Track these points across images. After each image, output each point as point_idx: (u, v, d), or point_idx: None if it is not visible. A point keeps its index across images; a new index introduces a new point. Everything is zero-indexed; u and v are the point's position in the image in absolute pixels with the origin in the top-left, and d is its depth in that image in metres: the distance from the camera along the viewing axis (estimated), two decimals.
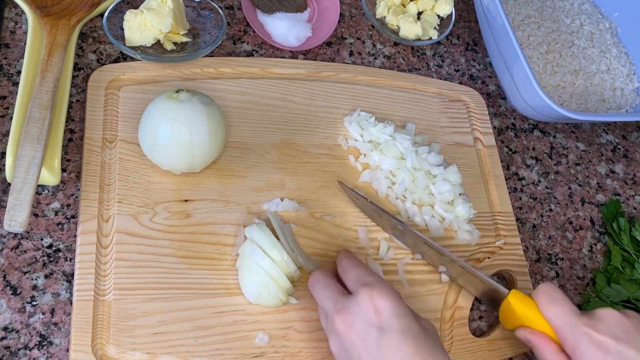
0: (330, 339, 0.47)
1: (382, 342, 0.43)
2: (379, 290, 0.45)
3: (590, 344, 0.47)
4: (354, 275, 0.49)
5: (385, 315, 0.44)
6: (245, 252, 0.51)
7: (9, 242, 0.51)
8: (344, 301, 0.46)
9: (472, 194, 0.65)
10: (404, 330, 0.44)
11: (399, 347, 0.43)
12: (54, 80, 0.53)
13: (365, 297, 0.45)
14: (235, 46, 0.68)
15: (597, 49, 0.82)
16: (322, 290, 0.49)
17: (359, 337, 0.44)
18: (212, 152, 0.54)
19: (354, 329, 0.45)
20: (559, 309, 0.50)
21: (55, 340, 0.48)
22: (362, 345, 0.44)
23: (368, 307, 0.45)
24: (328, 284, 0.49)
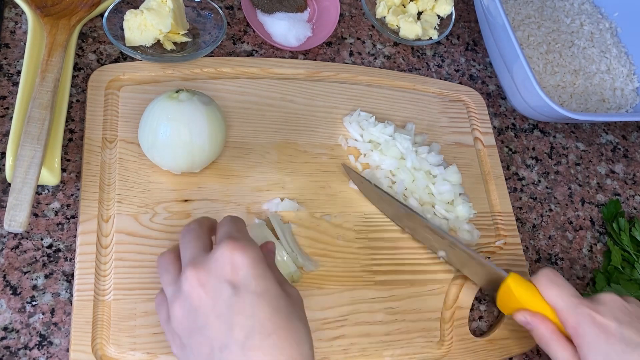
0: (173, 303, 0.40)
1: (235, 303, 0.38)
2: (242, 246, 0.40)
3: (593, 325, 0.47)
4: (225, 228, 0.43)
5: (242, 273, 0.39)
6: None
7: (9, 242, 0.51)
8: (203, 256, 0.41)
9: (472, 194, 0.65)
10: (261, 292, 0.39)
11: (252, 309, 0.38)
12: (54, 80, 0.53)
13: (225, 251, 0.39)
14: (235, 46, 0.68)
15: (597, 49, 0.82)
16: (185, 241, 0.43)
17: (209, 295, 0.39)
18: (212, 152, 0.54)
19: (205, 286, 0.39)
20: (561, 291, 0.50)
21: (55, 340, 0.48)
22: (212, 303, 0.39)
23: (225, 262, 0.39)
24: (199, 237, 0.43)
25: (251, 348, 0.37)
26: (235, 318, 0.38)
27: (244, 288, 0.39)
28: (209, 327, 0.39)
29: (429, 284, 0.58)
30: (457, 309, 0.58)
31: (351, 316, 0.54)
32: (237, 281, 0.39)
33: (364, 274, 0.56)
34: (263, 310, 0.38)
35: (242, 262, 0.39)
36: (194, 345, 0.39)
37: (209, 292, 0.39)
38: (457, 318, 0.57)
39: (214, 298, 0.39)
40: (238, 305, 0.38)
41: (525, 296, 0.52)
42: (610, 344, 0.47)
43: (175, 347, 0.42)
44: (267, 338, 0.38)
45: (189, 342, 0.40)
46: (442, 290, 0.58)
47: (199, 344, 0.39)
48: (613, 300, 0.49)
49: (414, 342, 0.55)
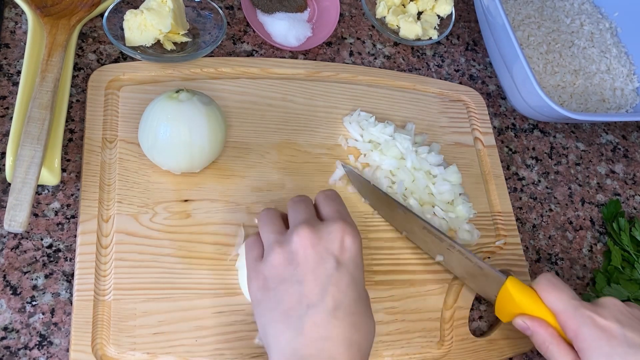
0: (274, 249, 0.45)
1: (335, 275, 0.43)
2: (353, 231, 0.45)
3: (594, 328, 0.47)
4: (335, 206, 0.48)
5: (348, 254, 0.45)
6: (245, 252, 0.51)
7: (9, 242, 0.51)
8: (317, 222, 0.46)
9: (472, 194, 0.65)
10: (356, 277, 0.45)
11: (346, 288, 0.43)
12: (54, 80, 0.53)
13: (339, 229, 0.45)
14: (235, 46, 0.68)
15: (597, 49, 0.82)
16: (297, 207, 0.48)
17: (315, 258, 0.44)
18: (212, 152, 0.54)
19: (315, 248, 0.44)
20: (561, 294, 0.49)
21: (55, 340, 0.48)
22: (314, 266, 0.43)
23: (336, 238, 0.45)
24: (309, 206, 0.48)
25: (336, 317, 0.42)
26: (330, 288, 0.43)
27: (345, 268, 0.44)
28: (305, 284, 0.43)
29: (429, 284, 0.58)
30: (457, 309, 0.58)
31: None
32: (341, 259, 0.44)
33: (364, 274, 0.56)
34: (353, 292, 0.44)
35: (350, 246, 0.45)
36: (282, 292, 0.44)
37: (316, 256, 0.44)
38: (457, 318, 0.57)
39: (318, 262, 0.44)
40: (335, 278, 0.43)
41: (524, 300, 0.51)
42: (612, 347, 0.46)
43: (255, 285, 0.46)
44: (350, 316, 0.43)
45: (277, 287, 0.44)
46: (442, 290, 0.58)
47: (288, 293, 0.44)
48: (614, 303, 0.49)
49: (414, 342, 0.55)
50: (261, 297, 0.45)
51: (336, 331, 0.42)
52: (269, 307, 0.44)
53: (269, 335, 0.44)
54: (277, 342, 0.43)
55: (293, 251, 0.45)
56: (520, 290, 0.52)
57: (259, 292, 0.46)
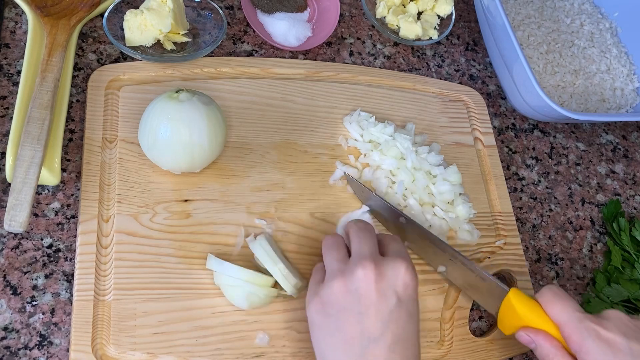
0: (337, 277, 0.46)
1: (395, 312, 0.45)
2: (412, 270, 0.47)
3: (599, 340, 0.46)
4: (398, 247, 0.50)
5: (408, 292, 0.46)
6: (218, 270, 0.51)
7: (9, 242, 0.51)
8: (379, 256, 0.48)
9: (472, 194, 0.65)
10: (413, 313, 0.47)
11: (404, 324, 0.45)
12: (54, 80, 0.53)
13: (402, 267, 0.47)
14: (235, 46, 0.68)
15: (597, 49, 0.82)
16: (362, 235, 0.49)
17: (378, 294, 0.45)
18: (212, 152, 0.53)
19: (378, 284, 0.45)
20: (565, 305, 0.49)
21: (55, 340, 0.48)
22: (377, 301, 0.45)
23: (399, 276, 0.46)
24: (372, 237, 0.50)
25: (394, 351, 0.44)
26: (390, 324, 0.45)
27: (405, 305, 0.46)
28: (367, 318, 0.45)
29: (429, 284, 0.58)
30: (457, 309, 0.58)
31: None
32: (402, 297, 0.46)
33: None
34: (410, 328, 0.46)
35: (410, 284, 0.47)
36: (342, 320, 0.45)
37: (378, 292, 0.45)
38: (457, 318, 0.57)
39: (380, 298, 0.45)
40: (396, 315, 0.45)
41: (527, 312, 0.50)
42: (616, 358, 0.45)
43: (314, 308, 0.47)
44: (406, 350, 0.45)
45: (337, 315, 0.46)
46: (442, 290, 0.58)
47: (349, 323, 0.45)
48: (618, 316, 0.48)
49: None
50: (320, 321, 0.47)
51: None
52: (328, 333, 0.46)
53: (322, 348, 0.46)
54: (330, 355, 0.45)
55: (356, 283, 0.46)
56: (523, 302, 0.51)
57: (318, 315, 0.47)
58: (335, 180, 0.61)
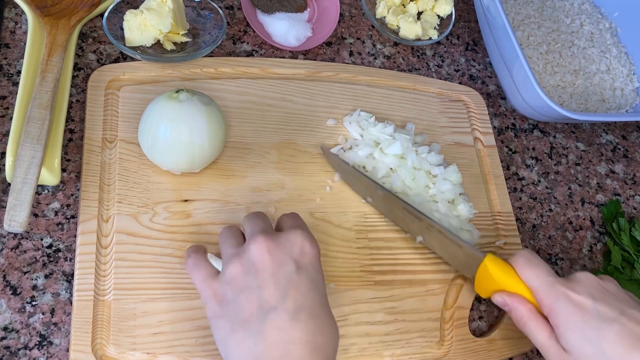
0: (232, 261, 0.44)
1: (294, 279, 0.43)
2: (312, 239, 0.46)
3: (568, 302, 0.48)
4: (295, 221, 0.48)
5: (307, 259, 0.45)
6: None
7: (9, 242, 0.51)
8: (273, 232, 0.46)
9: (472, 194, 0.65)
10: (317, 281, 0.45)
11: (307, 291, 0.43)
12: (54, 80, 0.53)
13: (298, 236, 0.45)
14: (235, 46, 0.68)
15: (597, 49, 0.82)
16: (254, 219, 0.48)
17: (273, 263, 0.43)
18: (212, 152, 0.54)
19: (273, 253, 0.43)
20: (537, 270, 0.51)
21: (55, 340, 0.48)
22: (274, 270, 0.43)
23: (296, 244, 0.45)
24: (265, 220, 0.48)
25: (298, 320, 0.42)
26: (290, 291, 0.42)
27: (305, 271, 0.44)
28: (265, 289, 0.43)
29: (429, 284, 0.58)
30: (457, 309, 0.58)
31: (351, 316, 0.54)
32: (301, 263, 0.44)
33: (363, 274, 0.56)
34: (315, 295, 0.43)
35: (310, 251, 0.45)
36: (241, 301, 0.43)
37: (273, 261, 0.43)
38: (457, 318, 0.57)
39: (276, 266, 0.43)
40: (296, 281, 0.43)
41: (502, 277, 0.52)
42: (585, 320, 0.47)
43: (212, 306, 0.45)
44: (313, 319, 0.42)
45: (236, 298, 0.43)
46: (442, 290, 0.58)
47: (248, 301, 0.43)
48: (588, 278, 0.50)
49: (414, 342, 0.55)
50: (219, 311, 0.44)
51: (299, 334, 0.41)
52: (228, 320, 0.43)
53: (229, 347, 0.42)
54: (237, 351, 0.42)
55: (251, 260, 0.44)
56: (499, 267, 0.52)
57: (216, 307, 0.44)
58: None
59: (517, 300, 0.51)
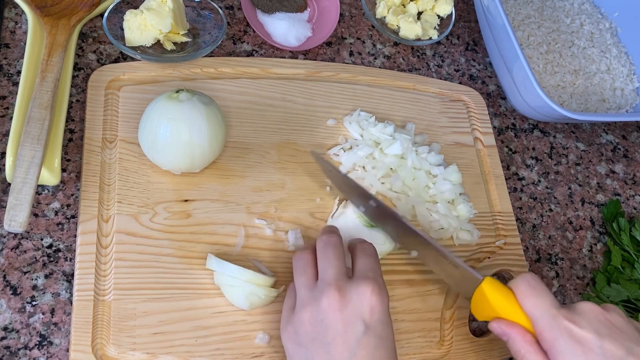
0: (305, 307, 0.46)
1: (363, 339, 0.44)
2: (380, 290, 0.46)
3: (570, 339, 0.45)
4: (370, 263, 0.49)
5: (376, 316, 0.45)
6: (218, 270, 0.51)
7: (9, 242, 0.51)
8: (345, 280, 0.46)
9: (472, 194, 0.65)
10: (384, 337, 0.45)
11: (373, 350, 0.44)
12: (54, 80, 0.53)
13: (367, 290, 0.45)
14: (235, 46, 0.68)
15: (597, 49, 0.82)
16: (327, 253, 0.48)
17: (343, 323, 0.44)
18: (212, 152, 0.53)
19: (343, 312, 0.45)
20: (540, 300, 0.47)
21: (55, 340, 0.48)
22: (343, 331, 0.44)
23: (365, 301, 0.45)
24: (340, 257, 0.48)
25: None
26: (358, 352, 0.44)
27: (373, 329, 0.45)
28: (334, 347, 0.44)
29: (429, 284, 0.58)
30: (457, 309, 0.58)
31: None
32: (369, 322, 0.45)
33: None
34: (382, 353, 0.45)
35: (378, 308, 0.45)
36: (313, 352, 0.45)
37: (344, 320, 0.45)
38: (457, 318, 0.57)
39: (346, 327, 0.44)
40: (364, 342, 0.44)
41: (500, 303, 0.48)
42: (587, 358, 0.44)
43: (287, 336, 0.47)
44: None
45: (308, 345, 0.45)
46: (442, 290, 0.58)
47: (319, 354, 0.45)
48: (592, 310, 0.46)
49: (414, 342, 0.55)
50: (293, 351, 0.47)
51: None
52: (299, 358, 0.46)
53: None
54: None
55: (322, 312, 0.45)
56: (497, 292, 0.49)
57: (291, 344, 0.47)
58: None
59: (516, 332, 0.47)
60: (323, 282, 0.46)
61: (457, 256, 0.52)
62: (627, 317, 0.47)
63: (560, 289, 0.65)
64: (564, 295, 0.65)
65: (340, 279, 0.46)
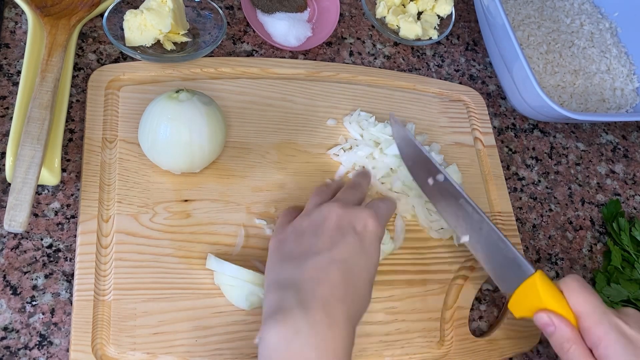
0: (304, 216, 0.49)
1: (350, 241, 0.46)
2: (378, 221, 0.48)
3: (621, 336, 0.45)
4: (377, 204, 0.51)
5: (368, 231, 0.47)
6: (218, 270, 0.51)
7: (9, 242, 0.51)
8: (353, 205, 0.49)
9: (472, 194, 0.65)
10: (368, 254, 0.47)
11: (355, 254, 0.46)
12: (54, 80, 0.53)
13: (367, 213, 0.48)
14: (235, 46, 0.68)
15: (597, 49, 0.82)
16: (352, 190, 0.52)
17: (337, 226, 0.47)
18: (212, 152, 0.54)
19: (339, 220, 0.47)
20: (590, 297, 0.47)
21: (55, 340, 0.48)
22: (333, 230, 0.47)
23: (362, 218, 0.47)
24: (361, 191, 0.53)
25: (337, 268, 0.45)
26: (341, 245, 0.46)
27: (360, 238, 0.47)
28: (319, 239, 0.47)
29: (429, 284, 0.58)
30: (457, 309, 0.58)
31: None
32: (359, 232, 0.47)
33: None
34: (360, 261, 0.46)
35: (371, 228, 0.47)
36: (297, 243, 0.47)
37: (337, 224, 0.47)
38: (457, 318, 0.57)
39: (337, 228, 0.47)
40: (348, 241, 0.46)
41: (550, 296, 0.48)
42: (638, 357, 0.44)
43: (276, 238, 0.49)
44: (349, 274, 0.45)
45: (294, 240, 0.48)
46: (442, 290, 0.58)
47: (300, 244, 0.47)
48: (637, 314, 0.48)
49: (414, 342, 0.55)
50: (276, 247, 0.49)
51: (332, 277, 0.44)
52: (279, 255, 0.48)
53: (269, 271, 0.47)
54: (274, 274, 0.46)
55: (320, 218, 0.48)
56: (548, 286, 0.49)
57: (277, 243, 0.49)
58: (340, 176, 0.61)
59: (565, 323, 0.47)
60: (333, 200, 0.50)
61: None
62: None
63: None
64: None
65: (349, 203, 0.49)
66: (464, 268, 0.60)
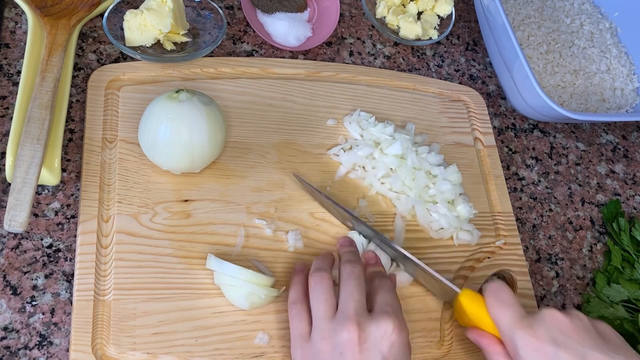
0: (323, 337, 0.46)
1: None
2: (400, 326, 0.46)
3: (530, 350, 0.46)
4: (389, 299, 0.49)
5: (394, 350, 0.46)
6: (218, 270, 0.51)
7: (9, 242, 0.51)
8: (365, 315, 0.47)
9: (472, 194, 0.65)
10: None
11: None
12: (54, 80, 0.53)
13: (388, 327, 0.46)
14: (235, 46, 0.68)
15: (597, 49, 0.82)
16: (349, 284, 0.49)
17: (362, 357, 0.45)
18: (212, 152, 0.54)
19: (362, 347, 0.45)
20: (503, 312, 0.49)
21: (55, 340, 0.48)
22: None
23: (385, 336, 0.46)
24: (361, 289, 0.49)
25: None
26: None
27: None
28: None
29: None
30: None
31: None
32: (387, 356, 0.45)
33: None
34: None
35: (396, 343, 0.46)
36: None
37: (363, 353, 0.45)
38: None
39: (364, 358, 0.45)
40: None
41: (476, 313, 0.51)
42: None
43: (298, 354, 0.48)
44: None
45: None
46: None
47: None
48: (553, 317, 0.47)
49: (414, 342, 0.55)
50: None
51: None
52: None
53: None
54: None
55: (341, 346, 0.45)
56: (474, 303, 0.51)
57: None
58: (340, 176, 0.61)
59: (488, 342, 0.50)
60: (344, 315, 0.47)
61: (436, 270, 0.54)
62: (591, 320, 0.48)
63: (560, 289, 0.65)
64: (564, 295, 0.65)
65: (361, 313, 0.47)
66: (464, 268, 0.60)
